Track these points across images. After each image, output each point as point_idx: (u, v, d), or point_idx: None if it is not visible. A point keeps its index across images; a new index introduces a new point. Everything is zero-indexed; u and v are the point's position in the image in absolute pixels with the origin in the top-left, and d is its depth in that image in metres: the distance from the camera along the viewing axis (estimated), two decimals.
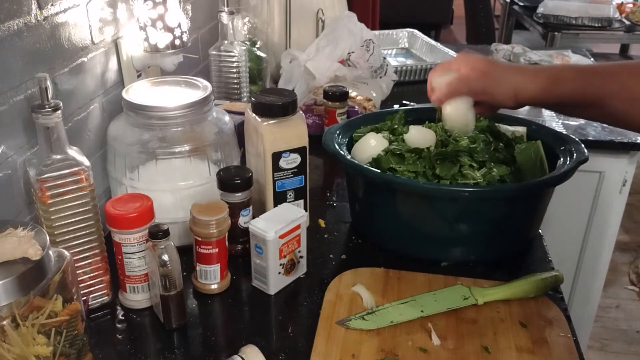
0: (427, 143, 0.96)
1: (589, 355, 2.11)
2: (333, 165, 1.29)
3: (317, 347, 0.76)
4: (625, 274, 2.59)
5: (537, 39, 3.39)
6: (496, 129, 1.02)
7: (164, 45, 1.08)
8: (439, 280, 0.89)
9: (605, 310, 2.36)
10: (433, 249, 0.95)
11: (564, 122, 1.47)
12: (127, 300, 0.86)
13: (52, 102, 0.74)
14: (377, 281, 0.89)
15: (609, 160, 1.48)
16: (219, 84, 1.41)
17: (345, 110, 1.34)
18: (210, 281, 0.88)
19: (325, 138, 1.01)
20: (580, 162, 0.93)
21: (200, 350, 0.79)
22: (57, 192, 0.76)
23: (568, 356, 0.76)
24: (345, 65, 1.57)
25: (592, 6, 3.05)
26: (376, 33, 2.05)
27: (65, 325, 0.65)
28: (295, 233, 0.88)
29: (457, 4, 4.77)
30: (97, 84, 1.01)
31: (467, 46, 2.28)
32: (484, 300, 0.84)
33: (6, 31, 0.77)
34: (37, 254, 0.60)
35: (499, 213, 0.92)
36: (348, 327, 0.80)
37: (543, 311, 0.83)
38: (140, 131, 0.93)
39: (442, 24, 5.08)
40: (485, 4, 3.52)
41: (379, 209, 0.97)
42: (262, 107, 0.94)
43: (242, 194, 0.92)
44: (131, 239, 0.81)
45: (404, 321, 0.81)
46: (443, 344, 0.77)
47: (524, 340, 0.78)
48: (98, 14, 0.99)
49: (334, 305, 0.84)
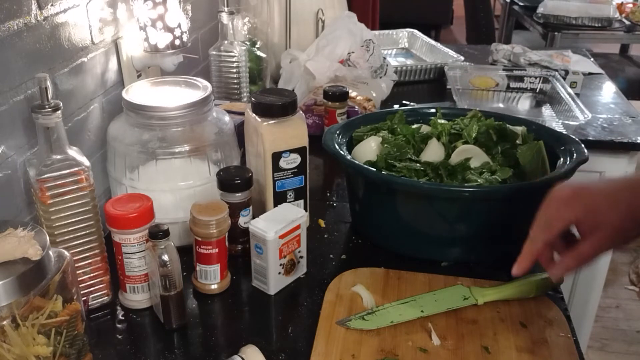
0: (440, 158, 0.97)
1: (589, 355, 2.11)
2: (333, 165, 1.29)
3: (317, 347, 0.76)
4: (625, 274, 2.59)
5: (537, 39, 3.39)
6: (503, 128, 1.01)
7: (164, 46, 1.08)
8: (439, 280, 0.89)
9: (605, 310, 2.36)
10: (433, 249, 0.95)
11: (564, 122, 1.46)
12: (127, 300, 0.86)
13: (52, 102, 0.74)
14: (377, 281, 0.89)
15: (609, 160, 1.47)
16: (219, 84, 1.41)
17: (345, 110, 1.34)
18: (210, 281, 0.88)
19: (325, 138, 1.01)
20: (580, 162, 0.93)
21: (200, 350, 0.79)
22: (57, 192, 0.76)
23: (568, 356, 0.76)
24: (345, 65, 1.57)
25: (592, 6, 3.04)
26: (376, 33, 2.04)
27: (65, 326, 0.65)
28: (295, 233, 0.88)
29: (457, 4, 4.77)
30: (97, 84, 1.01)
31: (467, 46, 2.28)
32: (484, 300, 0.84)
33: (6, 31, 0.77)
34: (37, 254, 0.60)
35: (499, 213, 0.92)
36: (348, 327, 0.80)
37: (543, 311, 0.83)
38: (140, 131, 0.93)
39: (442, 24, 5.08)
40: (485, 4, 3.52)
41: (379, 209, 0.97)
42: (262, 107, 0.94)
43: (242, 194, 0.92)
44: (131, 239, 0.81)
45: (404, 321, 0.81)
46: (443, 344, 0.77)
47: (524, 340, 0.78)
48: (98, 14, 0.99)
49: (334, 306, 0.84)
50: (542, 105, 1.64)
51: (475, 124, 1.02)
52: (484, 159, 0.95)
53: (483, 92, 1.71)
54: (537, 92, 1.69)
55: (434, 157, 0.97)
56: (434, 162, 0.95)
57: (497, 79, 1.72)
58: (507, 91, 1.71)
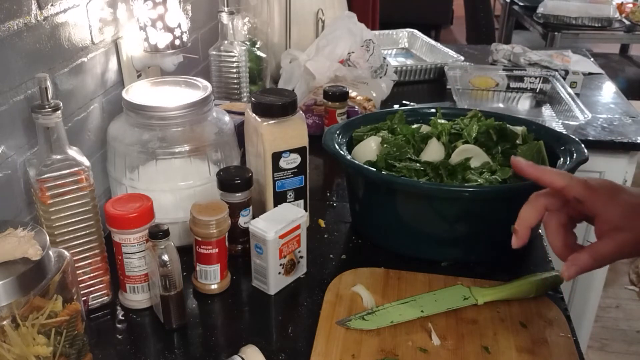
0: (440, 157, 0.97)
1: (589, 355, 2.11)
2: (333, 165, 1.29)
3: (317, 347, 0.76)
4: (625, 274, 2.59)
5: (537, 39, 3.39)
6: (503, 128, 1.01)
7: (164, 46, 1.08)
8: (439, 280, 0.89)
9: (605, 310, 2.36)
10: (433, 249, 0.95)
11: (564, 122, 1.47)
12: (127, 300, 0.86)
13: (52, 102, 0.74)
14: (377, 281, 0.89)
15: (609, 160, 1.48)
16: (219, 84, 1.41)
17: (345, 110, 1.34)
18: (210, 281, 0.88)
19: (325, 138, 1.01)
20: (580, 162, 0.93)
21: (200, 350, 0.79)
22: (57, 192, 0.76)
23: (568, 356, 0.76)
24: (345, 65, 1.57)
25: (592, 6, 3.04)
26: (376, 33, 2.05)
27: (65, 326, 0.65)
28: (295, 233, 0.88)
29: (457, 4, 4.77)
30: (97, 84, 1.01)
31: (467, 46, 2.28)
32: (484, 300, 0.84)
33: (6, 31, 0.77)
34: (37, 254, 0.60)
35: (499, 213, 0.92)
36: (348, 327, 0.80)
37: (543, 311, 0.83)
38: (140, 131, 0.93)
39: (442, 24, 5.08)
40: (485, 4, 3.52)
41: (379, 209, 0.97)
42: (262, 107, 0.94)
43: (242, 194, 0.92)
44: (131, 239, 0.81)
45: (404, 321, 0.81)
46: (443, 344, 0.77)
47: (524, 341, 0.78)
48: (98, 14, 0.99)
49: (334, 306, 0.84)
50: (542, 105, 1.64)
51: (476, 124, 1.02)
52: (484, 158, 0.95)
53: (483, 92, 1.71)
54: (537, 92, 1.69)
55: (434, 157, 0.97)
56: (434, 161, 0.95)
57: (497, 79, 1.72)
58: (507, 91, 1.71)
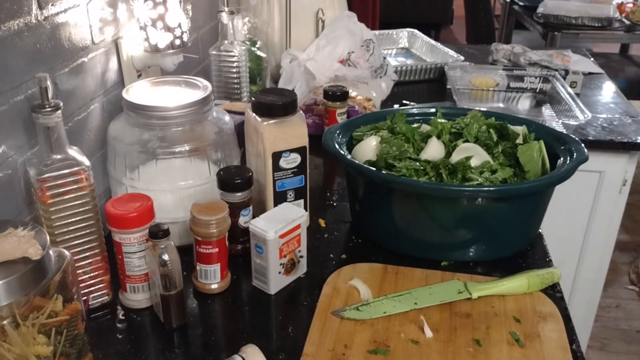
0: (440, 156, 0.97)
1: (588, 354, 2.11)
2: (333, 165, 1.29)
3: (311, 336, 0.78)
4: (625, 274, 2.59)
5: (537, 38, 3.39)
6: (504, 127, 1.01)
7: (164, 45, 1.08)
8: (436, 276, 0.90)
9: (605, 310, 2.36)
10: (433, 248, 0.95)
11: (564, 122, 1.47)
12: (128, 300, 0.86)
13: (52, 102, 0.74)
14: (375, 276, 0.90)
15: (609, 160, 1.48)
16: (219, 84, 1.41)
17: (345, 110, 1.34)
18: (210, 281, 0.88)
19: (325, 138, 1.01)
20: (580, 161, 0.93)
21: (201, 350, 0.79)
22: (57, 192, 0.76)
23: (560, 351, 0.76)
24: (345, 65, 1.57)
25: (592, 6, 3.04)
26: (376, 33, 2.04)
27: (66, 325, 0.65)
28: (295, 233, 0.88)
29: (457, 4, 4.77)
30: (97, 84, 1.01)
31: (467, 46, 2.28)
32: (478, 294, 0.85)
33: (6, 31, 0.77)
34: (37, 254, 0.60)
35: (500, 213, 0.92)
36: (342, 317, 0.81)
37: (538, 307, 0.84)
38: (140, 131, 0.93)
39: (442, 24, 5.07)
40: (485, 4, 3.52)
41: (379, 208, 0.97)
42: (262, 107, 0.94)
43: (242, 193, 0.92)
44: (131, 239, 0.81)
45: (398, 312, 0.82)
46: (435, 337, 0.78)
47: (516, 335, 0.78)
48: (98, 14, 0.99)
49: (331, 298, 0.85)
50: (542, 105, 1.64)
51: (476, 123, 1.02)
52: (484, 157, 0.95)
53: (483, 91, 1.71)
54: (537, 92, 1.69)
55: (434, 156, 0.97)
56: (434, 160, 0.95)
57: (497, 79, 1.72)
58: (507, 91, 1.71)
